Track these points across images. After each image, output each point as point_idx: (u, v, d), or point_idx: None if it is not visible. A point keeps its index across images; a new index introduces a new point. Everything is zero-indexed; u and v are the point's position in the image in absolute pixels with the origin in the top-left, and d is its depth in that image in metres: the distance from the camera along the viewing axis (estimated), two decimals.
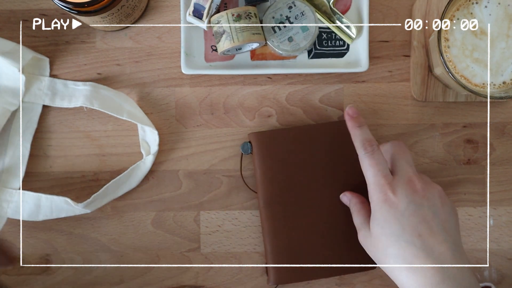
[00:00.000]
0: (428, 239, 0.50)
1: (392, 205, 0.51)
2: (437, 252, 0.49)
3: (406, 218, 0.51)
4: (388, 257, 0.51)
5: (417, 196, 0.52)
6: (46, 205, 0.63)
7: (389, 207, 0.51)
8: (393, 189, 0.52)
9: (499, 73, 0.57)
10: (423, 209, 0.51)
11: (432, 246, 0.50)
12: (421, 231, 0.50)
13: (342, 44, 0.63)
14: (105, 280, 0.64)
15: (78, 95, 0.63)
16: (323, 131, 0.62)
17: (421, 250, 0.50)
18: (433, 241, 0.50)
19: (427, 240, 0.50)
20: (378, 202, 0.52)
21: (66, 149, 0.65)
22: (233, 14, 0.58)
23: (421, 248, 0.50)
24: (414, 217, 0.51)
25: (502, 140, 0.64)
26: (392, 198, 0.51)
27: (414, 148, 0.64)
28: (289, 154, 0.61)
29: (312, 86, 0.64)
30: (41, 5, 0.65)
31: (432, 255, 0.49)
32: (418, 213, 0.51)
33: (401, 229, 0.51)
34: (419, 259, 0.49)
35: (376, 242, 0.53)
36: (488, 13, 0.57)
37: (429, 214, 0.51)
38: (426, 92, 0.63)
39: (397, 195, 0.52)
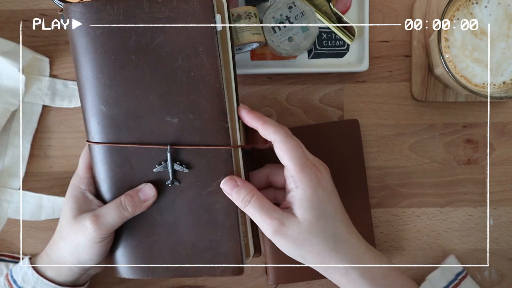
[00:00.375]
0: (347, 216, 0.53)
1: (323, 186, 0.51)
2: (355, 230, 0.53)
3: (334, 198, 0.52)
4: (325, 238, 0.50)
5: (330, 177, 0.53)
6: (48, 205, 0.63)
7: (323, 189, 0.51)
8: (319, 170, 0.51)
9: (499, 73, 0.57)
10: (335, 189, 0.53)
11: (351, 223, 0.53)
12: (343, 210, 0.52)
13: (342, 44, 0.63)
14: (105, 280, 0.64)
15: (78, 95, 0.63)
16: (323, 131, 0.62)
17: (350, 227, 0.52)
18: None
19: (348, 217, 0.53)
20: (312, 184, 0.50)
21: (66, 149, 0.65)
22: (233, 14, 0.58)
23: (350, 225, 0.52)
24: (337, 197, 0.52)
25: (502, 140, 0.64)
26: (322, 179, 0.51)
27: (414, 148, 0.64)
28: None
29: (312, 86, 0.64)
30: (41, 5, 0.65)
31: (356, 232, 0.52)
32: (336, 193, 0.52)
33: (333, 208, 0.51)
34: (351, 234, 0.51)
35: (309, 228, 0.50)
36: (488, 13, 0.57)
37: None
38: (426, 92, 0.63)
39: (323, 176, 0.51)
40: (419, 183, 0.64)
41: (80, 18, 0.50)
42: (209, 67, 0.50)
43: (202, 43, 0.50)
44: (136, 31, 0.50)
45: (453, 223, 0.64)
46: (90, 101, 0.51)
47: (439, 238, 0.64)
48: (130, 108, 0.51)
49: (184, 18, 0.49)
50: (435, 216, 0.64)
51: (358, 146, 0.62)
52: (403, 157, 0.64)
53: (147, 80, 0.50)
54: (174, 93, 0.50)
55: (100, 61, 0.50)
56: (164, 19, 0.49)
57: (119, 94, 0.51)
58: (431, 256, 0.64)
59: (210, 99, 0.50)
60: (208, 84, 0.50)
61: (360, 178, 0.62)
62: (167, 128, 0.51)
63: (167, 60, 0.50)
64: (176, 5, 0.49)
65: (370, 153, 0.64)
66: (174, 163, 0.51)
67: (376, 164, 0.64)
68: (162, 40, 0.50)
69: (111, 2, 0.49)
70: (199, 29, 0.49)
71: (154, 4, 0.49)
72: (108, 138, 0.52)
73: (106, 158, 0.52)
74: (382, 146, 0.64)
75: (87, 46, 0.50)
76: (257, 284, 0.64)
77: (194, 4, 0.49)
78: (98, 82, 0.51)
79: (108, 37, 0.50)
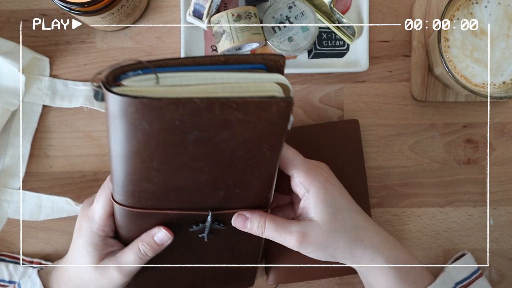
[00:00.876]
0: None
1: (332, 183, 0.53)
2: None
3: (343, 191, 0.54)
4: (347, 231, 0.52)
5: (333, 173, 0.55)
6: (47, 205, 0.63)
7: (332, 185, 0.53)
8: (323, 170, 0.54)
9: (499, 73, 0.57)
10: (341, 183, 0.55)
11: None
12: (354, 201, 0.54)
13: (342, 44, 0.63)
14: None
15: (78, 95, 0.63)
16: (323, 131, 0.62)
17: (365, 215, 0.54)
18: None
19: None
20: (321, 184, 0.52)
21: (66, 149, 0.65)
22: (233, 14, 0.58)
23: (364, 213, 0.54)
24: (345, 190, 0.54)
25: (502, 140, 0.64)
26: (328, 178, 0.53)
27: (414, 148, 0.64)
28: None
29: (312, 86, 0.64)
30: (41, 5, 0.65)
31: (372, 220, 0.55)
32: (343, 186, 0.55)
33: (346, 202, 0.53)
34: (369, 221, 0.54)
35: (329, 226, 0.51)
36: (488, 13, 0.57)
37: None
38: (426, 92, 0.63)
39: (328, 174, 0.54)
40: (419, 183, 0.64)
41: (135, 113, 0.40)
42: (269, 158, 0.47)
43: (269, 141, 0.45)
44: (199, 128, 0.43)
45: (453, 223, 0.64)
46: (130, 179, 0.46)
47: (439, 238, 0.64)
48: (176, 185, 0.47)
49: (257, 122, 0.44)
50: (435, 216, 0.64)
51: (358, 146, 0.62)
52: (403, 157, 0.64)
53: (200, 166, 0.46)
54: (226, 175, 0.47)
55: (151, 150, 0.43)
56: (235, 120, 0.43)
57: (167, 176, 0.46)
58: (431, 256, 0.64)
59: (261, 179, 0.49)
60: (263, 170, 0.48)
61: (360, 178, 0.62)
62: (210, 198, 0.49)
63: (227, 152, 0.45)
64: (252, 112, 0.43)
65: (370, 153, 0.64)
66: (213, 223, 0.51)
67: (376, 164, 0.64)
68: (226, 136, 0.44)
69: (177, 103, 0.40)
70: (271, 130, 0.45)
71: (227, 108, 0.42)
72: (145, 205, 0.49)
73: (134, 219, 0.50)
74: (382, 146, 0.64)
75: (138, 136, 0.42)
76: (257, 284, 0.64)
77: (272, 111, 0.43)
78: (144, 165, 0.44)
79: (166, 132, 0.42)
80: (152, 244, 0.52)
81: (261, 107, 0.42)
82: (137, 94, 0.39)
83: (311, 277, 0.62)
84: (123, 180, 0.46)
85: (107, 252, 0.53)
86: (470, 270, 0.58)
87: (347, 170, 0.62)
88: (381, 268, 0.53)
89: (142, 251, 0.52)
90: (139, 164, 0.44)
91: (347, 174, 0.62)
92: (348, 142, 0.62)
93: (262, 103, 0.42)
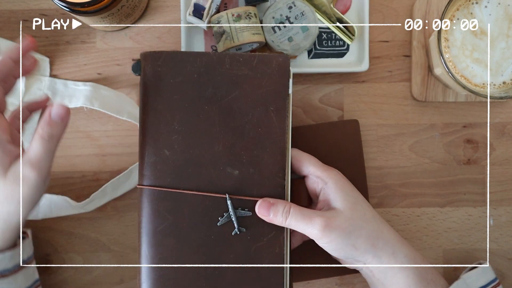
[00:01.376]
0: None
1: (346, 179, 0.55)
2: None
3: (351, 184, 0.56)
4: (368, 221, 0.53)
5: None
6: (46, 204, 0.63)
7: (347, 180, 0.55)
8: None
9: (499, 73, 0.57)
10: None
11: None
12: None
13: (342, 44, 0.63)
14: (105, 280, 0.64)
15: (78, 95, 0.63)
16: (323, 131, 0.62)
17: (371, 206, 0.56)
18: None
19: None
20: (339, 177, 0.54)
21: (66, 149, 0.65)
22: (233, 14, 0.58)
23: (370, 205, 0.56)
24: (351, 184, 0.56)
25: (502, 140, 0.64)
26: (340, 173, 0.56)
27: (414, 148, 0.64)
28: None
29: (312, 86, 0.64)
30: (41, 5, 0.65)
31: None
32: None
33: (361, 196, 0.55)
34: (382, 218, 0.55)
35: (351, 214, 0.52)
36: (488, 13, 0.57)
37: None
38: (426, 92, 0.63)
39: (340, 172, 0.56)
40: (419, 183, 0.64)
41: (162, 66, 0.51)
42: (277, 125, 0.52)
43: (274, 102, 0.52)
44: (213, 84, 0.52)
45: (453, 223, 0.64)
46: (153, 145, 0.51)
47: (439, 238, 0.64)
48: (194, 156, 0.51)
49: (261, 78, 0.52)
50: (435, 216, 0.64)
51: (358, 146, 0.62)
52: (403, 157, 0.64)
53: (215, 131, 0.52)
54: (239, 146, 0.52)
55: (174, 107, 0.51)
56: (242, 76, 0.52)
57: (186, 140, 0.51)
58: (431, 256, 0.64)
59: (273, 156, 0.52)
60: (273, 141, 0.52)
61: (360, 178, 0.62)
62: (227, 179, 0.52)
63: (238, 114, 0.52)
64: (255, 65, 0.52)
65: (370, 153, 0.64)
66: (236, 210, 0.52)
67: (376, 164, 0.64)
68: (237, 95, 0.52)
69: (195, 55, 0.52)
70: (274, 89, 0.52)
71: (235, 62, 0.52)
72: (165, 183, 0.51)
73: (157, 203, 0.51)
74: (382, 146, 0.64)
75: (163, 91, 0.51)
76: None
77: (273, 66, 0.52)
78: (167, 126, 0.51)
79: (186, 85, 0.51)
80: (51, 123, 0.47)
81: (263, 61, 0.52)
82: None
83: (311, 277, 0.62)
84: (145, 150, 0.51)
85: (11, 159, 0.48)
86: (487, 279, 0.57)
87: (347, 170, 0.62)
88: (401, 261, 0.53)
89: (45, 135, 0.47)
90: (162, 126, 0.51)
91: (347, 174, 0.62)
92: (348, 142, 0.62)
93: (264, 57, 0.52)
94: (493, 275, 0.57)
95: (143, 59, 0.52)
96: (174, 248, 0.52)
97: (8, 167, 0.48)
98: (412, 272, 0.53)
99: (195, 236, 0.52)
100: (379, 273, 0.53)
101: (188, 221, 0.52)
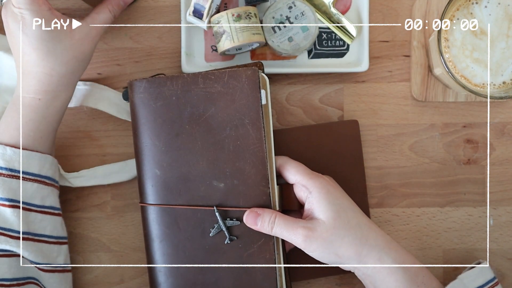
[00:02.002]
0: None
1: (333, 186, 0.56)
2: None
3: (345, 194, 0.56)
4: (351, 228, 0.53)
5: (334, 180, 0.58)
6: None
7: (333, 187, 0.55)
8: (323, 176, 0.57)
9: (499, 73, 0.57)
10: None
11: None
12: (356, 204, 0.57)
13: (342, 44, 0.63)
14: (105, 280, 0.64)
15: (78, 95, 0.63)
16: (323, 131, 0.62)
17: (367, 217, 0.56)
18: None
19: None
20: (323, 185, 0.54)
21: (67, 149, 0.65)
22: (233, 14, 0.58)
23: (366, 216, 0.56)
24: (346, 194, 0.57)
25: (502, 140, 0.64)
26: (329, 181, 0.56)
27: (414, 148, 0.64)
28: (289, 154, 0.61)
29: (312, 86, 0.64)
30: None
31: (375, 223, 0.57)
32: (344, 191, 0.57)
33: (349, 202, 0.55)
34: (372, 223, 0.56)
35: (333, 223, 0.53)
36: (488, 13, 0.57)
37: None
38: (426, 92, 0.63)
39: (329, 179, 0.57)
40: (419, 183, 0.64)
41: (144, 92, 0.56)
42: (254, 137, 0.55)
43: (248, 115, 0.55)
44: (191, 104, 0.56)
45: (453, 223, 0.64)
46: (147, 166, 0.56)
47: (439, 238, 0.64)
48: (182, 173, 0.56)
49: (233, 93, 0.56)
50: (435, 216, 0.64)
51: (357, 146, 0.62)
52: (403, 157, 0.64)
53: (198, 148, 0.56)
54: (221, 160, 0.56)
55: (158, 130, 0.56)
56: (216, 93, 0.56)
57: (173, 159, 0.56)
58: (431, 256, 0.64)
59: (254, 166, 0.55)
60: (253, 152, 0.55)
61: (359, 179, 0.62)
62: (214, 192, 0.56)
63: (217, 130, 0.56)
64: (227, 81, 0.56)
65: (370, 153, 0.64)
66: (225, 221, 0.55)
67: (376, 164, 0.64)
68: (213, 112, 0.56)
69: (171, 79, 0.56)
70: (246, 102, 0.56)
71: (207, 80, 0.56)
72: (160, 200, 0.56)
73: (158, 219, 0.56)
74: (382, 146, 0.64)
75: (147, 116, 0.56)
76: None
77: (243, 80, 0.55)
78: (155, 148, 0.56)
79: (166, 108, 0.56)
80: (118, 2, 0.58)
81: (233, 76, 0.56)
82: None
83: (311, 276, 0.62)
84: (141, 171, 0.56)
85: (68, 20, 0.55)
86: (485, 278, 0.56)
87: (347, 170, 0.62)
88: (389, 268, 0.53)
89: (112, 9, 0.58)
90: (151, 148, 0.56)
91: (347, 174, 0.62)
92: (348, 142, 0.62)
93: (233, 72, 0.56)
94: (491, 274, 0.57)
95: (129, 87, 0.57)
96: (173, 260, 0.56)
97: (71, 29, 0.54)
98: (401, 276, 0.53)
99: (191, 246, 0.56)
100: (368, 277, 0.55)
101: (184, 233, 0.56)
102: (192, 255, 0.56)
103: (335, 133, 0.62)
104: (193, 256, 0.56)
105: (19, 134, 0.54)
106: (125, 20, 0.64)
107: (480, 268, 0.57)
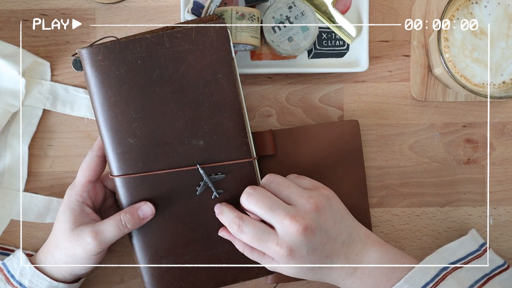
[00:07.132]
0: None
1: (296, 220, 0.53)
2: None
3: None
4: (315, 252, 0.53)
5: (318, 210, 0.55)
6: (56, 208, 0.64)
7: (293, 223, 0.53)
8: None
9: (499, 73, 0.57)
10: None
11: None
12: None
13: (342, 44, 0.63)
14: (105, 280, 0.64)
15: (80, 104, 0.64)
16: (323, 131, 0.62)
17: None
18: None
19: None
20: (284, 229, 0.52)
21: (67, 149, 0.65)
22: (237, 12, 0.58)
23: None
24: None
25: (502, 140, 0.64)
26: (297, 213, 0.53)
27: (414, 148, 0.64)
28: (289, 154, 0.61)
29: (312, 86, 0.64)
30: (41, 5, 0.65)
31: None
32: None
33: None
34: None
35: (291, 261, 0.53)
36: (488, 13, 0.57)
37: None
38: (426, 92, 0.63)
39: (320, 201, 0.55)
40: (419, 182, 0.64)
41: (104, 60, 0.53)
42: (228, 90, 0.55)
43: (221, 69, 0.54)
44: (159, 65, 0.53)
45: (453, 223, 0.64)
46: (116, 137, 0.54)
47: (439, 238, 0.64)
48: (158, 137, 0.54)
49: (203, 49, 0.54)
50: (435, 216, 0.64)
51: (358, 146, 0.62)
52: (403, 156, 0.64)
53: (172, 109, 0.54)
54: (198, 118, 0.54)
55: (126, 97, 0.53)
56: (185, 51, 0.53)
57: (146, 125, 0.54)
58: None
59: (232, 119, 0.55)
60: (229, 105, 0.55)
61: (359, 179, 0.62)
62: (194, 151, 0.55)
63: (190, 89, 0.54)
64: (195, 38, 0.53)
65: (370, 153, 0.64)
66: (210, 176, 0.55)
67: (376, 163, 0.64)
68: (184, 71, 0.54)
69: (133, 42, 0.53)
70: (218, 57, 0.54)
71: (174, 39, 0.53)
72: (137, 169, 0.54)
73: (135, 189, 0.54)
74: (382, 146, 0.64)
75: (112, 84, 0.53)
76: (257, 283, 0.64)
77: (211, 35, 0.54)
78: (125, 116, 0.54)
79: (132, 73, 0.53)
80: (134, 215, 0.53)
81: (201, 32, 0.53)
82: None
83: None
84: (110, 144, 0.54)
85: (84, 219, 0.55)
86: (467, 250, 0.56)
87: (347, 170, 0.62)
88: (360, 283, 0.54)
89: (123, 221, 0.53)
90: (120, 117, 0.53)
91: (347, 174, 0.62)
92: (348, 142, 0.62)
93: (201, 28, 0.53)
94: (475, 245, 0.57)
95: (81, 56, 0.53)
96: (162, 224, 0.55)
97: (80, 225, 0.54)
98: (373, 282, 0.53)
99: (178, 209, 0.55)
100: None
101: (168, 198, 0.55)
102: (181, 217, 0.55)
103: (335, 133, 0.62)
104: (182, 217, 0.56)
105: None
106: (125, 20, 0.64)
107: (461, 240, 0.58)
